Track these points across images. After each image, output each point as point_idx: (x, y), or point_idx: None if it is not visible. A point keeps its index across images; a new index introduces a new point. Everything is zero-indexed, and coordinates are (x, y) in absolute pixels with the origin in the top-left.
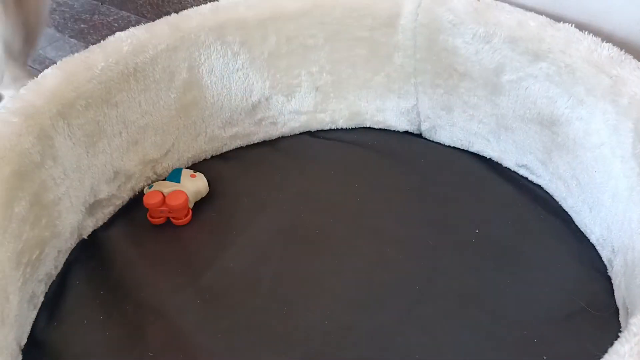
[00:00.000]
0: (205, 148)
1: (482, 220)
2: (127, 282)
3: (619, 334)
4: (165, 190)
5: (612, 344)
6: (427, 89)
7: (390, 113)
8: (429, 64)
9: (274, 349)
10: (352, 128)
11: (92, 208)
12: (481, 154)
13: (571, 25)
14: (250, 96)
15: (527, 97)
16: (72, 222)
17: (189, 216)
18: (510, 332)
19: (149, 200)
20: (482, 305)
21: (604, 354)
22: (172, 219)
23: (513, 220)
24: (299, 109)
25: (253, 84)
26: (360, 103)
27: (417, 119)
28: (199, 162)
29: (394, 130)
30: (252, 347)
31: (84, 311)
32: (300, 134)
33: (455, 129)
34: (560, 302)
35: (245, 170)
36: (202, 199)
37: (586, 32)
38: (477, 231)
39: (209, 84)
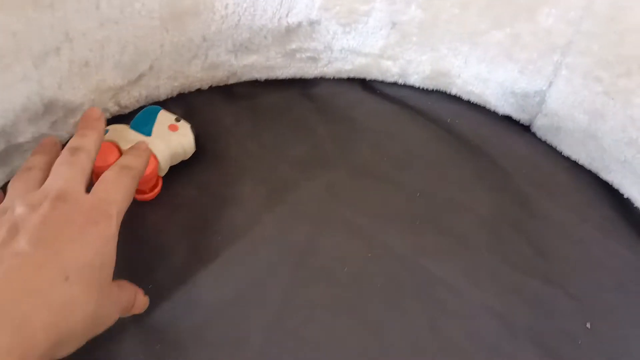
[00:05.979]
0: (201, 76)
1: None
2: None
3: None
4: (123, 144)
5: None
6: (577, 78)
7: (495, 87)
8: (597, 42)
9: None
10: (428, 90)
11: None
12: (616, 187)
13: None
14: (287, 15)
15: None
16: None
17: (157, 189)
18: None
19: (99, 159)
20: None
21: None
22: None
23: None
24: (358, 47)
25: None
26: (453, 61)
27: (534, 109)
28: (191, 93)
29: (488, 110)
30: None
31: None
32: (348, 79)
33: (593, 143)
34: None
35: (255, 120)
36: (183, 161)
37: None
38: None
39: None
